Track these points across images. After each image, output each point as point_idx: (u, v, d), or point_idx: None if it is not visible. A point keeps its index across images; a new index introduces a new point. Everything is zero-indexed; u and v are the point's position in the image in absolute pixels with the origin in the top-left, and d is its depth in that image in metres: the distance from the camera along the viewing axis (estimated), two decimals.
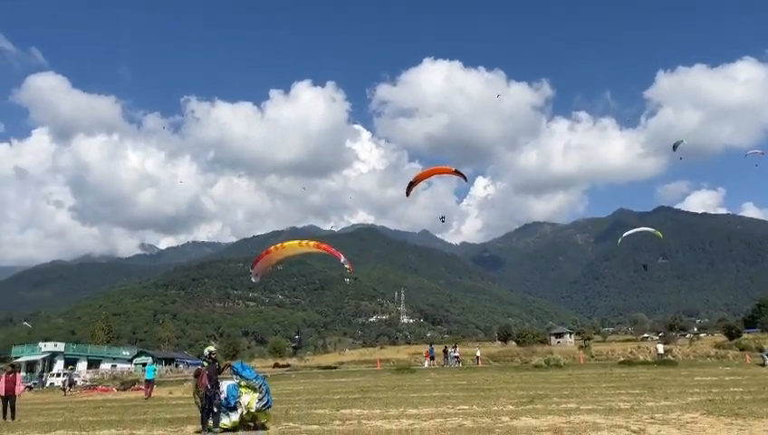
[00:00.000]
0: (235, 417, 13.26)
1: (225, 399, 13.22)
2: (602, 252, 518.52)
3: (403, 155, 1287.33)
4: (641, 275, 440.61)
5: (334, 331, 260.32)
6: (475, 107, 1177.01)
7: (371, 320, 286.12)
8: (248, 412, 13.31)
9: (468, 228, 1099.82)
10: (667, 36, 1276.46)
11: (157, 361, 75.42)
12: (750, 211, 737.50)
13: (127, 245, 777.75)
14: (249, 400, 13.39)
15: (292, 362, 70.67)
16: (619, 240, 35.57)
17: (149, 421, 15.85)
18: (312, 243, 20.12)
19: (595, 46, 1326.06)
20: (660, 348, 50.90)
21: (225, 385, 13.41)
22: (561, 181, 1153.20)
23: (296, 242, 20.49)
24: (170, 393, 30.76)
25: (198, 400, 13.12)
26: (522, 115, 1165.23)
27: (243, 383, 13.56)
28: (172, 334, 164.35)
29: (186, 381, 43.78)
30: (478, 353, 55.56)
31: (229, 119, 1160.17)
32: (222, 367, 13.85)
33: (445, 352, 51.02)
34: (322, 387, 29.35)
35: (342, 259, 19.47)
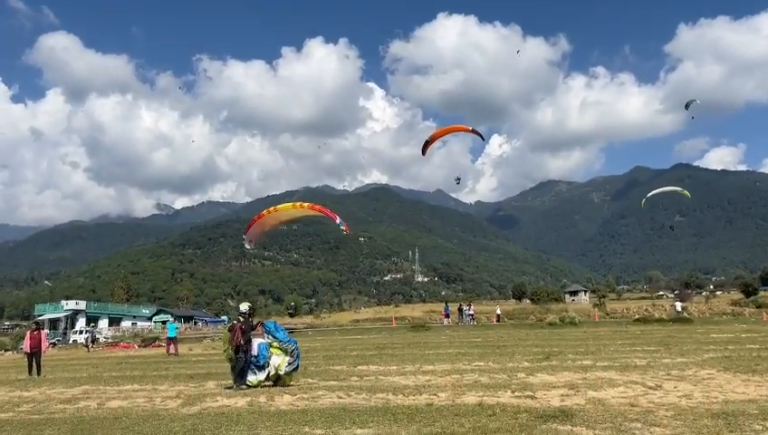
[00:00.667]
0: (261, 376, 13.19)
1: (255, 357, 13.09)
2: (618, 210, 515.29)
3: (417, 113, 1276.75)
4: (657, 234, 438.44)
5: (349, 289, 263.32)
6: (491, 63, 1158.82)
7: (386, 279, 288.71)
8: (275, 373, 13.25)
9: (483, 187, 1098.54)
10: None
11: (176, 319, 76.90)
12: None
13: (143, 205, 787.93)
14: (279, 362, 13.27)
15: (308, 319, 71.68)
16: (644, 200, 34.93)
17: (171, 377, 16.19)
18: (306, 205, 19.56)
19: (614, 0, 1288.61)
20: (678, 306, 50.80)
21: (256, 343, 13.25)
22: (578, 139, 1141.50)
23: (290, 205, 19.81)
24: (190, 350, 31.37)
25: (232, 354, 13.04)
26: (538, 71, 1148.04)
27: (275, 344, 13.38)
28: (190, 293, 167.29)
29: (204, 338, 44.67)
30: (498, 311, 55.75)
31: (242, 78, 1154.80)
32: (255, 324, 13.71)
33: (460, 310, 51.40)
34: (339, 344, 29.77)
35: (338, 220, 18.99)
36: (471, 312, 50.06)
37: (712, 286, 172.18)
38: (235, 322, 13.52)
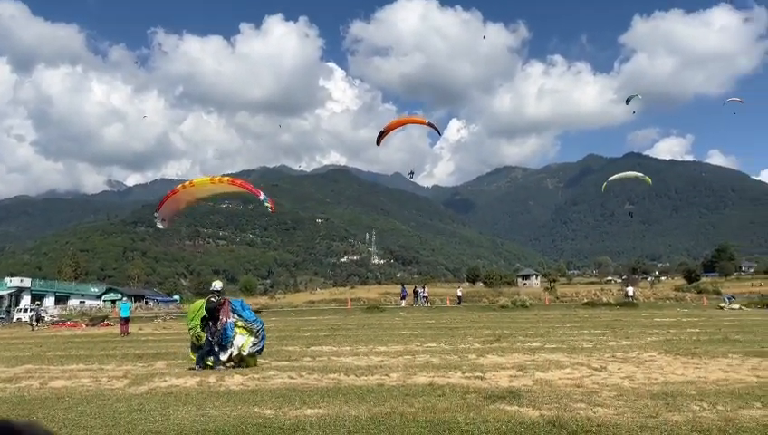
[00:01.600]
0: (223, 356, 12.69)
1: (218, 334, 12.68)
2: (571, 197, 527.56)
3: (377, 95, 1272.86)
4: (608, 221, 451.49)
5: (305, 270, 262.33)
6: (452, 48, 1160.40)
7: (342, 260, 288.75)
8: (238, 354, 12.78)
9: (441, 171, 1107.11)
10: None
11: (126, 297, 75.25)
12: (716, 159, 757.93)
13: (93, 181, 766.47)
14: (243, 342, 12.80)
15: (263, 301, 71.14)
16: (605, 184, 35.59)
17: (119, 356, 15.85)
18: (225, 179, 18.14)
19: None
20: (630, 291, 52.36)
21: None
22: (534, 126, 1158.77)
23: (207, 179, 18.39)
24: (140, 330, 30.78)
25: (202, 334, 12.57)
26: (498, 57, 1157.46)
27: (239, 323, 12.90)
28: (142, 272, 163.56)
29: (156, 317, 43.89)
30: (459, 293, 56.09)
31: (198, 53, 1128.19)
32: (221, 303, 13.13)
33: (414, 292, 51.85)
34: (293, 325, 29.67)
35: (262, 197, 17.97)
36: (425, 294, 50.56)
37: (657, 272, 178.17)
38: (213, 300, 12.89)
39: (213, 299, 12.88)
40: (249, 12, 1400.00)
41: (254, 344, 12.87)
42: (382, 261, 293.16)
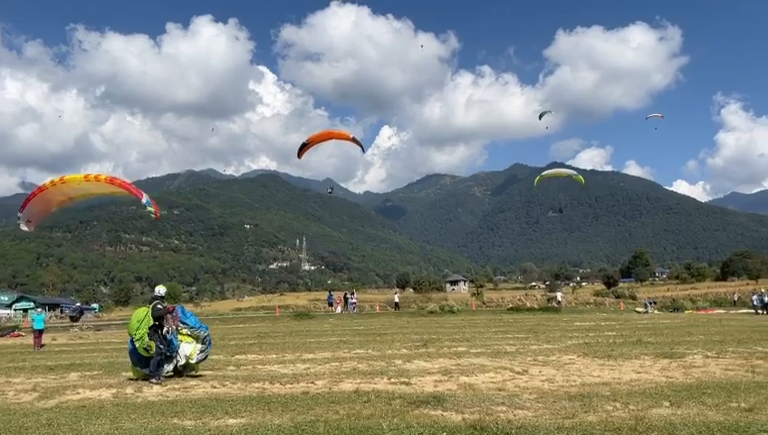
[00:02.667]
0: (168, 367, 12.10)
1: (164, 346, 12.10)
2: (498, 204, 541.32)
3: (309, 100, 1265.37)
4: (532, 227, 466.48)
5: (233, 277, 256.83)
6: (384, 55, 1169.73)
7: (272, 267, 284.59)
8: (186, 363, 12.20)
9: (372, 178, 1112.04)
10: None
11: (40, 306, 71.45)
12: (632, 169, 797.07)
13: (5, 183, 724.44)
14: (190, 350, 12.17)
15: (187, 308, 69.03)
16: (537, 179, 36.53)
17: (28, 369, 14.97)
18: (103, 177, 15.86)
19: (500, 1, 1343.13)
20: (559, 296, 53.98)
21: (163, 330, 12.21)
22: (463, 135, 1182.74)
23: (81, 176, 15.87)
24: (54, 340, 29.21)
25: (151, 344, 11.83)
26: (428, 67, 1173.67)
27: (184, 331, 12.28)
28: (57, 279, 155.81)
29: (71, 327, 41.77)
30: (397, 299, 54.89)
31: (122, 52, 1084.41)
32: (168, 309, 12.48)
33: (345, 298, 51.65)
34: (218, 333, 28.94)
35: (144, 200, 16.11)
36: (354, 300, 50.46)
37: (579, 278, 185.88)
38: (160, 306, 12.20)
39: (159, 306, 12.25)
40: (176, 12, 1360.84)
41: (202, 351, 12.41)
42: (313, 267, 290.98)
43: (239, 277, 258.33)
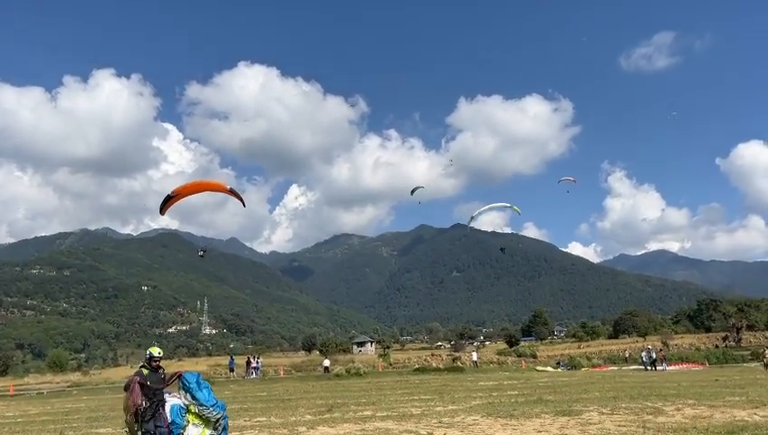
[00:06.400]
0: None
1: (168, 427, 9.11)
2: (404, 264, 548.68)
3: (215, 159, 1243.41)
4: (437, 287, 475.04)
5: (127, 342, 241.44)
6: (292, 116, 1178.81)
7: (170, 331, 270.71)
8: None
9: (279, 238, 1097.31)
10: (469, 65, 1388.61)
11: None
12: (530, 231, 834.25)
13: None
14: None
15: (75, 377, 63.97)
16: (470, 218, 37.05)
17: None
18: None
19: (407, 68, 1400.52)
20: (474, 356, 54.61)
21: (168, 404, 9.38)
22: (370, 195, 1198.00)
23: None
24: None
25: (131, 425, 9.19)
26: (338, 129, 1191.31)
27: (192, 409, 9.34)
28: None
29: None
30: (326, 363, 50.80)
31: (13, 104, 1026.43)
32: (170, 377, 9.83)
33: (247, 363, 49.82)
34: (108, 403, 26.88)
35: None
36: (256, 365, 48.81)
37: (482, 337, 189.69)
38: (134, 376, 9.46)
39: (159, 369, 9.70)
40: (74, 65, 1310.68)
41: None
42: (214, 331, 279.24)
43: (134, 342, 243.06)
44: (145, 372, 9.44)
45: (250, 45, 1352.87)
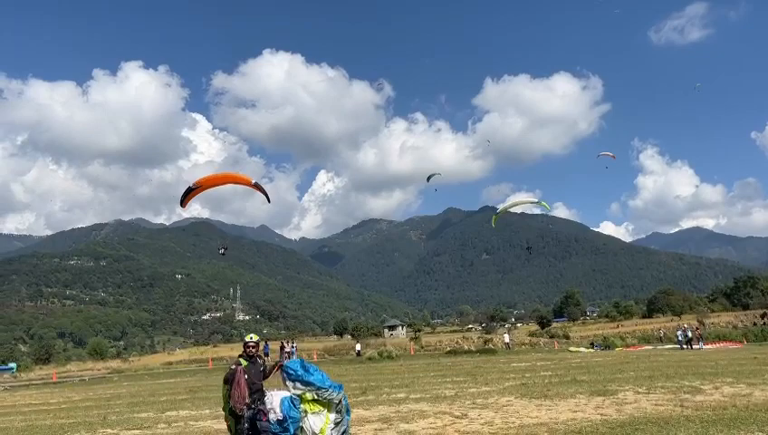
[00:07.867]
0: None
1: (279, 421, 8.08)
2: (433, 248, 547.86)
3: (243, 148, 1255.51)
4: (467, 270, 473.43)
5: (163, 330, 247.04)
6: (319, 103, 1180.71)
7: (204, 318, 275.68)
8: None
9: (308, 224, 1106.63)
10: (495, 44, 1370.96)
11: None
12: (561, 212, 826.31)
13: None
14: (321, 425, 8.16)
15: (114, 364, 65.65)
16: (494, 217, 36.63)
17: None
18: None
19: (431, 50, 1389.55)
20: (506, 338, 54.42)
21: (275, 398, 8.30)
22: (398, 180, 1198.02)
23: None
24: None
25: (232, 422, 8.32)
26: (364, 114, 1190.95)
27: (308, 396, 8.24)
28: None
29: None
30: (358, 347, 51.28)
31: (46, 99, 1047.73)
32: (271, 368, 8.91)
33: (281, 348, 50.40)
34: (147, 389, 27.59)
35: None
36: (288, 349, 49.29)
37: (514, 319, 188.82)
38: (233, 366, 8.51)
39: (257, 358, 8.71)
40: (104, 58, 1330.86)
41: (337, 424, 8.30)
42: (247, 317, 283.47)
43: (170, 330, 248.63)
44: (243, 363, 8.48)
45: (274, 33, 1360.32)
